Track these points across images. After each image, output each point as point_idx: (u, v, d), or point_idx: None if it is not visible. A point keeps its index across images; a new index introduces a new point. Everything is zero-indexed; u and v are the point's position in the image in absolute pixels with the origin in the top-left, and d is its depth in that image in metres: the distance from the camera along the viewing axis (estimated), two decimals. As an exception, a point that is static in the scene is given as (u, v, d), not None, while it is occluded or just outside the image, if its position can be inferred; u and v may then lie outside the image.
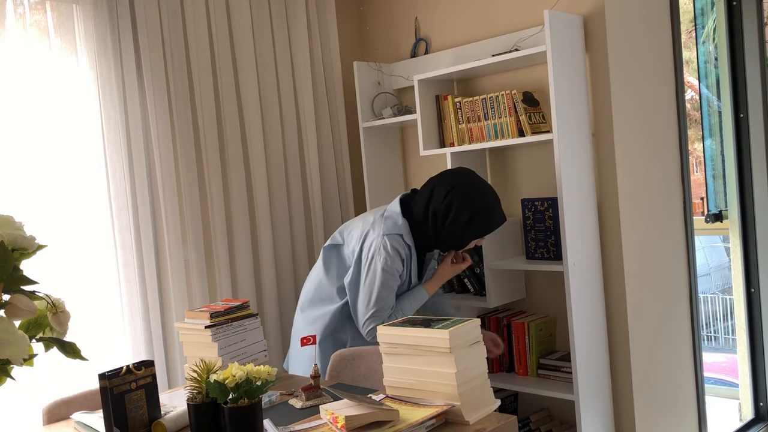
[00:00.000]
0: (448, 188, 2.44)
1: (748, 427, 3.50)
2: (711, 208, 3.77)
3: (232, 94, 2.99)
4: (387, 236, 2.45)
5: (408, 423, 1.65)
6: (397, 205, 2.53)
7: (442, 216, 2.44)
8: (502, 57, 2.78)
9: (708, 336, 6.27)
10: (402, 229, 2.48)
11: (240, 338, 2.20)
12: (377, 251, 2.45)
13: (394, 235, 2.46)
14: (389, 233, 2.46)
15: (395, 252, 2.45)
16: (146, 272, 2.69)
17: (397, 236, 2.46)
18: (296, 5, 3.22)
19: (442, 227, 2.46)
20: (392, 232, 2.46)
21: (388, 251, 2.44)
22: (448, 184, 2.46)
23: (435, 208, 2.45)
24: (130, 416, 1.72)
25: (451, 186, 2.45)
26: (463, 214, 2.42)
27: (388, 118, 3.23)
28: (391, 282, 2.46)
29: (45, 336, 1.35)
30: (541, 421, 2.96)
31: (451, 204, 2.43)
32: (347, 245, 2.57)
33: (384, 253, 2.44)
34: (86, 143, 2.57)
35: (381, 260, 2.44)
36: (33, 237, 1.31)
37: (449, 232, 2.45)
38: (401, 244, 2.46)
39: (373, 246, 2.47)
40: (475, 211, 2.42)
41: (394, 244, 2.45)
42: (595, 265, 2.75)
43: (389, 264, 2.44)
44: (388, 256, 2.44)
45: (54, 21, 2.51)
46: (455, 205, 2.42)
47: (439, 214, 2.45)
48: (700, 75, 4.13)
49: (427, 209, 2.47)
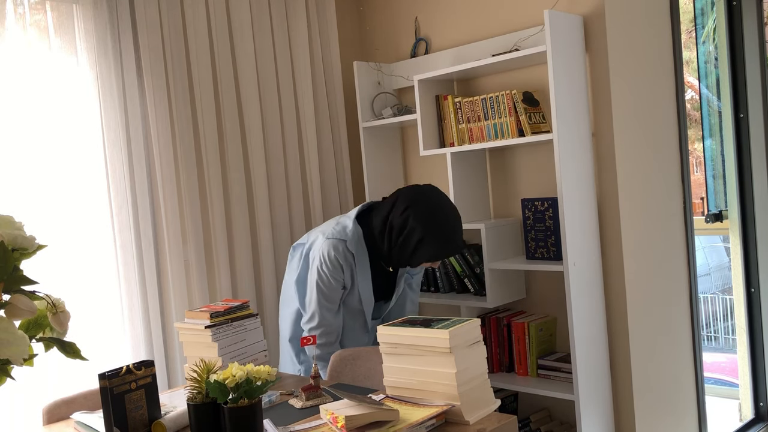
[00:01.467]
0: (408, 203, 2.35)
1: (748, 427, 3.50)
2: (711, 208, 3.77)
3: (232, 94, 2.99)
4: (329, 240, 2.40)
5: (408, 423, 1.65)
6: (354, 212, 2.49)
7: (397, 231, 2.36)
8: (502, 57, 2.78)
9: (708, 336, 6.27)
10: (349, 235, 2.41)
11: (240, 338, 2.20)
12: (317, 255, 2.42)
13: (337, 240, 2.40)
14: (332, 238, 2.40)
15: (334, 259, 2.38)
16: (146, 272, 2.69)
17: (340, 241, 2.40)
18: (296, 5, 3.22)
19: (395, 243, 2.38)
20: (336, 237, 2.41)
21: (324, 257, 2.39)
22: (409, 199, 2.37)
23: (392, 221, 2.37)
24: (130, 416, 1.72)
25: (412, 201, 2.36)
26: (415, 234, 2.32)
27: (388, 118, 3.23)
28: (326, 289, 2.40)
29: (45, 336, 1.36)
30: (541, 421, 2.96)
31: (407, 220, 2.34)
32: (308, 245, 2.55)
33: (320, 260, 2.40)
34: (86, 143, 2.57)
35: (318, 264, 2.41)
36: (33, 237, 1.31)
37: (401, 248, 2.37)
38: (341, 251, 2.39)
39: (315, 249, 2.45)
40: (429, 232, 2.32)
41: (332, 251, 2.38)
42: (595, 265, 2.75)
43: (324, 270, 2.39)
44: (324, 262, 2.39)
45: (54, 21, 2.51)
46: (410, 223, 2.33)
47: (394, 228, 2.36)
48: (700, 75, 4.13)
49: (385, 221, 2.40)
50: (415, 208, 2.34)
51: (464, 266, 3.06)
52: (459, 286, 3.11)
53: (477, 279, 3.02)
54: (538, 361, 2.88)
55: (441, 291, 3.15)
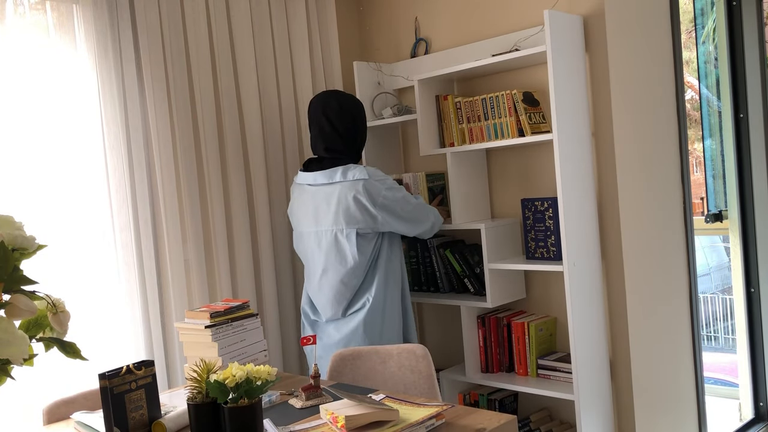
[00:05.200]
0: (334, 100, 2.73)
1: (748, 427, 3.50)
2: (711, 208, 3.77)
3: (232, 94, 2.99)
4: (371, 176, 2.62)
5: (408, 423, 1.65)
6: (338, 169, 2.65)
7: (352, 118, 2.72)
8: (502, 57, 2.78)
9: (708, 336, 6.27)
10: (366, 170, 2.63)
11: (240, 338, 2.21)
12: (380, 190, 2.62)
13: (372, 171, 2.65)
14: (371, 176, 2.62)
15: (384, 178, 2.67)
16: (146, 272, 2.68)
17: (375, 170, 2.67)
18: (296, 5, 3.22)
19: (360, 126, 2.75)
20: (371, 176, 2.62)
21: (385, 179, 2.66)
22: (326, 98, 2.75)
23: (343, 124, 2.71)
24: (130, 416, 1.72)
25: (329, 98, 2.75)
26: (358, 106, 2.77)
27: (388, 118, 3.23)
28: (403, 191, 2.70)
29: (45, 336, 1.35)
30: (541, 421, 2.96)
31: (352, 105, 2.75)
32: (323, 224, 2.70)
33: (385, 182, 2.65)
34: (86, 143, 2.57)
35: (388, 185, 2.65)
36: (33, 237, 1.31)
37: (363, 124, 2.77)
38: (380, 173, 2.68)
39: (369, 190, 2.60)
40: (357, 102, 2.79)
41: (378, 176, 2.65)
42: (595, 265, 2.75)
43: (389, 183, 2.66)
44: (386, 179, 2.67)
45: (54, 21, 2.51)
46: (354, 104, 2.76)
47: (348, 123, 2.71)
48: (700, 75, 4.13)
49: (342, 130, 2.71)
50: (340, 97, 2.76)
51: (464, 266, 3.06)
52: (459, 286, 3.11)
53: (477, 279, 3.02)
54: (538, 361, 2.88)
55: (441, 291, 3.15)
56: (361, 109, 2.79)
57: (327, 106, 2.72)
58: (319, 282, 2.71)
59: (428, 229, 2.77)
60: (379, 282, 2.66)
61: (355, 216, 2.59)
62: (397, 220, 2.66)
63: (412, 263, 3.23)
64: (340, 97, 2.76)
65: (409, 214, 2.69)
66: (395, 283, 2.74)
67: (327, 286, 2.69)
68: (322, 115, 2.72)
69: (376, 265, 2.67)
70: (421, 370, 2.29)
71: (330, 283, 2.68)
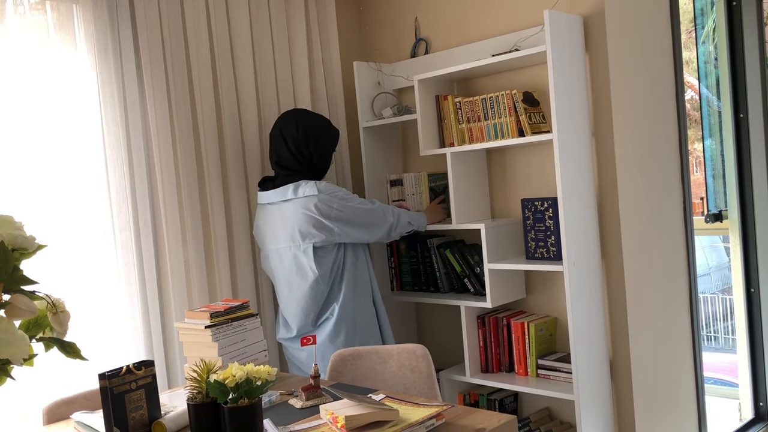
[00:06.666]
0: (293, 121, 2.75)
1: (748, 427, 3.50)
2: (711, 208, 3.77)
3: (232, 95, 2.98)
4: (321, 191, 2.65)
5: (408, 423, 1.65)
6: (289, 187, 2.68)
7: (304, 141, 2.72)
8: (502, 57, 2.78)
9: (708, 336, 6.27)
10: (316, 185, 2.66)
11: (240, 338, 2.21)
12: (333, 203, 2.65)
13: (323, 185, 2.67)
14: (321, 192, 2.65)
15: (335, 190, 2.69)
16: (146, 272, 2.68)
17: (326, 184, 2.69)
18: (296, 5, 3.22)
19: (314, 149, 2.74)
20: (322, 191, 2.65)
21: (333, 190, 2.68)
22: (287, 120, 2.76)
23: (296, 144, 2.72)
24: (130, 416, 1.72)
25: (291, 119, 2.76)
26: (318, 129, 2.76)
27: (388, 118, 3.23)
28: (357, 199, 2.74)
29: (45, 336, 1.35)
30: (541, 421, 2.96)
31: (305, 131, 2.73)
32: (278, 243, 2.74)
33: (337, 194, 2.68)
34: (86, 143, 2.57)
35: (339, 197, 2.67)
36: (33, 237, 1.31)
37: (318, 151, 2.75)
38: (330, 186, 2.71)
39: (317, 203, 2.63)
40: (323, 124, 2.79)
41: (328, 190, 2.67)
42: (595, 265, 2.75)
43: (342, 194, 2.69)
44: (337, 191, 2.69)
45: (54, 21, 2.51)
46: (308, 128, 2.74)
47: (304, 142, 2.72)
48: (700, 75, 4.13)
49: (293, 150, 2.72)
50: (301, 118, 2.76)
51: (464, 266, 3.06)
52: (459, 286, 3.11)
53: (477, 279, 3.02)
54: (538, 361, 2.88)
55: (441, 291, 3.15)
56: (324, 130, 2.79)
57: (285, 125, 2.77)
58: (287, 299, 2.78)
59: (387, 231, 2.81)
60: (346, 291, 2.72)
61: (309, 231, 2.65)
62: (353, 229, 2.70)
63: (412, 263, 3.23)
64: (301, 118, 2.77)
65: (366, 220, 2.74)
66: (364, 291, 2.79)
67: (293, 301, 2.76)
68: (279, 133, 2.77)
69: (342, 275, 2.73)
70: (421, 370, 2.30)
71: (296, 299, 2.74)
